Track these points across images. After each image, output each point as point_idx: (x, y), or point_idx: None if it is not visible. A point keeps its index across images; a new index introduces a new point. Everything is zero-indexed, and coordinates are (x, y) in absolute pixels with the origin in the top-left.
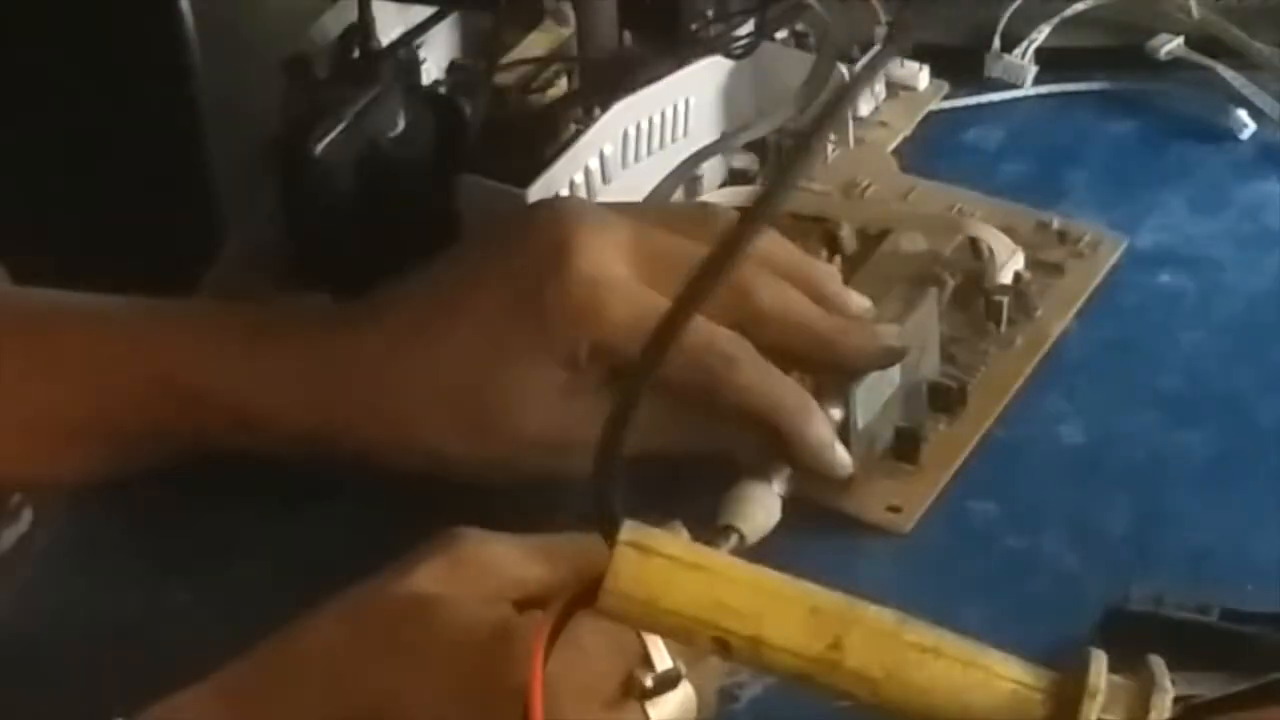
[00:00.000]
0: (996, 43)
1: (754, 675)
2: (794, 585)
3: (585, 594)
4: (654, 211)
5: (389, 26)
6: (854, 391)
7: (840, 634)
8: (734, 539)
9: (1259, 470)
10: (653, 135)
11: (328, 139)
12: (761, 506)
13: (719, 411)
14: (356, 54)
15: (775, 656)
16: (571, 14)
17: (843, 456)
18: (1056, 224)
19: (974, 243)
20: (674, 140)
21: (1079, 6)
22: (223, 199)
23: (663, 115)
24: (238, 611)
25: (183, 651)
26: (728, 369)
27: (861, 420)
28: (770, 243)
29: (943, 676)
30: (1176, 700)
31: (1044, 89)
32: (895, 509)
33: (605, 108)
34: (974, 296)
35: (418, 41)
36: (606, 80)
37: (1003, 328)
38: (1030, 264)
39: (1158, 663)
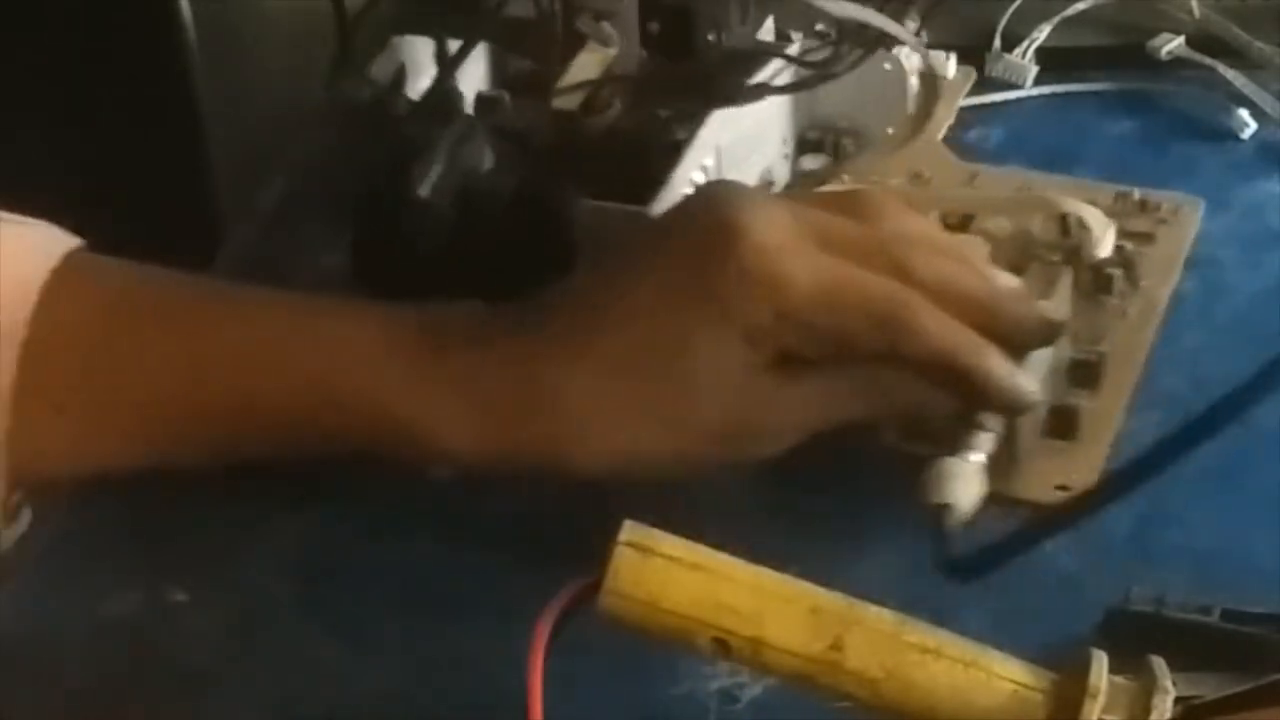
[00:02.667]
0: (997, 42)
1: (754, 675)
2: (794, 585)
3: (585, 593)
4: (807, 195)
5: (428, 65)
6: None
7: (840, 634)
8: (953, 515)
9: (1260, 470)
10: (736, 145)
11: (430, 179)
12: (967, 480)
13: (905, 363)
14: (432, 95)
15: (775, 656)
16: (614, 33)
17: (1028, 383)
18: (1137, 194)
19: (1063, 219)
20: (752, 149)
21: (1080, 6)
22: (223, 199)
23: (746, 123)
24: (238, 611)
25: (183, 651)
26: (907, 314)
27: None
28: (920, 223)
29: (943, 677)
30: (1178, 701)
31: (1045, 89)
32: (1064, 488)
33: (692, 121)
34: (1076, 272)
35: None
36: (680, 92)
37: (1116, 299)
38: (1121, 235)
39: (1159, 663)
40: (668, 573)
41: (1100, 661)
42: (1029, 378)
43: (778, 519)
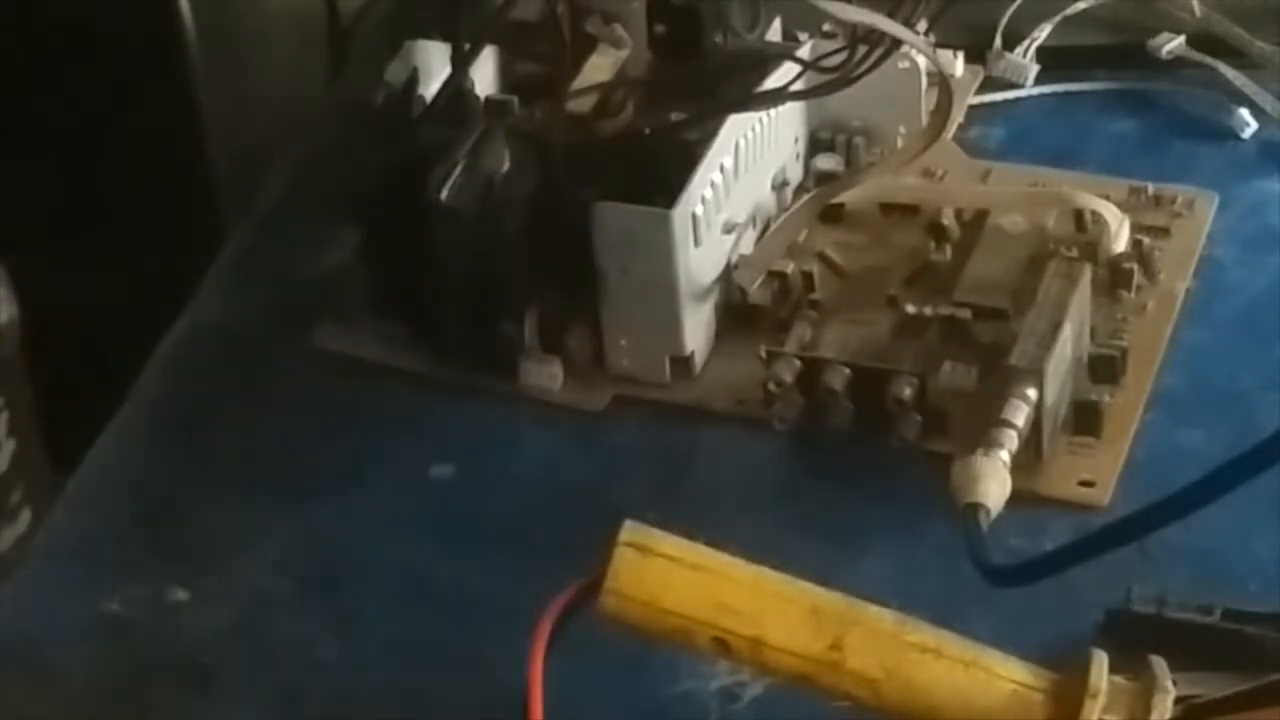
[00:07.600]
0: (998, 41)
1: (754, 675)
2: (794, 585)
3: (585, 593)
4: None
5: (438, 69)
6: (1045, 370)
7: (840, 634)
8: (985, 515)
9: None
10: (753, 146)
11: (450, 183)
12: (997, 479)
13: None
14: (446, 98)
15: (775, 657)
16: (625, 35)
17: None
18: (1150, 189)
19: (1078, 215)
20: (767, 149)
21: (1080, 5)
22: (223, 199)
23: (762, 124)
24: (238, 610)
25: (183, 650)
26: None
27: (1050, 397)
28: None
29: (943, 677)
30: (1178, 701)
31: (1046, 88)
32: (1088, 483)
33: (705, 123)
34: (1093, 267)
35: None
36: (694, 95)
37: (1133, 294)
38: (1136, 229)
39: (1159, 663)
40: (668, 573)
41: (1100, 661)
42: None
43: (778, 519)
